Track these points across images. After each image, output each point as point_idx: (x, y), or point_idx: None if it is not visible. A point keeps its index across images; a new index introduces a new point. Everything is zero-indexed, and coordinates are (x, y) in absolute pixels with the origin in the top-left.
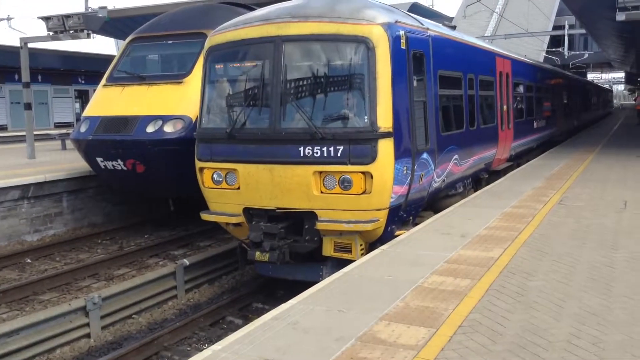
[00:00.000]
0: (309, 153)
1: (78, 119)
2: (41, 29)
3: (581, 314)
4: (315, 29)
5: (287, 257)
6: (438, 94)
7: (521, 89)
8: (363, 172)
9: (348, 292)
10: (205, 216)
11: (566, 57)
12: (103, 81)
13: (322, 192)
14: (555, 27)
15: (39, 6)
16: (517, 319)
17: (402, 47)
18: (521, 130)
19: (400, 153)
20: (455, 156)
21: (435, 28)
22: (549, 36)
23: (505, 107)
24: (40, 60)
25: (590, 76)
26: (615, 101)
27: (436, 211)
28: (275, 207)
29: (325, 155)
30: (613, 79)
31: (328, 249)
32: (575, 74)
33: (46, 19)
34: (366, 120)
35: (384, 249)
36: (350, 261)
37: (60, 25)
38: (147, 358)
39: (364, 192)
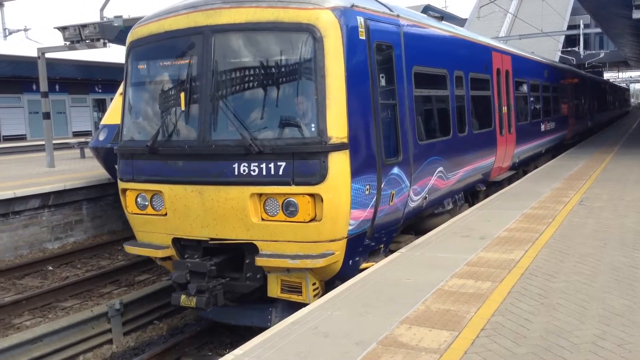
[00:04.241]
0: (244, 171)
1: (96, 128)
2: (58, 39)
3: (605, 315)
4: (251, 16)
5: (221, 300)
6: (413, 95)
7: (525, 88)
8: (310, 194)
9: (367, 296)
10: (128, 248)
11: (582, 56)
12: (120, 89)
13: (262, 220)
14: (570, 27)
15: (55, 17)
16: (541, 321)
17: (361, 37)
18: (526, 135)
19: (360, 169)
20: (440, 168)
21: (409, 16)
22: (564, 36)
23: (505, 108)
24: (57, 70)
25: (607, 75)
26: (632, 100)
27: (420, 233)
28: (207, 237)
29: (264, 173)
30: (630, 78)
31: (274, 289)
32: (592, 73)
33: (63, 29)
34: (313, 129)
35: (403, 251)
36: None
37: (77, 35)
38: None
39: (312, 220)
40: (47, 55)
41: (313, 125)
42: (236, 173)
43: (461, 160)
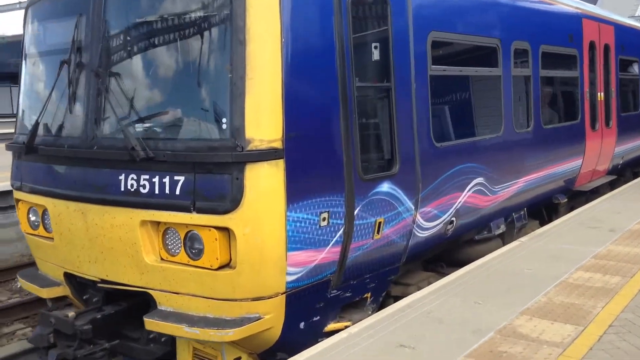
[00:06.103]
0: (132, 185)
1: None
2: None
3: None
4: None
5: None
6: (428, 75)
7: (635, 68)
8: (219, 228)
9: (484, 284)
10: (21, 281)
11: None
12: None
13: (162, 259)
14: None
15: None
16: None
17: None
18: (634, 128)
19: (306, 188)
20: (478, 180)
21: None
22: None
23: (600, 95)
24: None
25: None
26: None
27: (455, 265)
28: (98, 277)
29: (156, 191)
30: None
31: (184, 359)
32: None
33: None
34: (224, 127)
35: (523, 241)
36: None
37: None
38: None
39: (225, 266)
40: None
41: (224, 120)
42: (122, 188)
43: (520, 166)
